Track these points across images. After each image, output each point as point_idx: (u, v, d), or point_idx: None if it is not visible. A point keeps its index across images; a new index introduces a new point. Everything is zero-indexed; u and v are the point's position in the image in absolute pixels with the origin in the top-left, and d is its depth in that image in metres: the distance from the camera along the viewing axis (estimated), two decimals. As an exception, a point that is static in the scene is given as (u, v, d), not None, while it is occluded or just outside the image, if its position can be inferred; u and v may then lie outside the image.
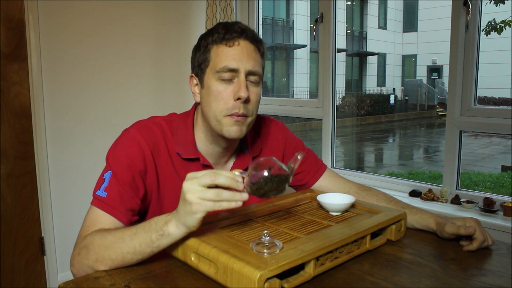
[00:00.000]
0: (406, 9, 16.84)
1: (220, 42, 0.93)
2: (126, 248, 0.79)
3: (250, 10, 2.68)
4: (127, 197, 0.91)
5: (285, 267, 0.68)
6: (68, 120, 2.21)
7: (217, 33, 0.94)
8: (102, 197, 0.89)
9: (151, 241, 0.77)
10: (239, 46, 0.93)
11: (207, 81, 0.95)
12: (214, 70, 0.93)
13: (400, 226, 0.94)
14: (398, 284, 0.73)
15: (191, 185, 0.73)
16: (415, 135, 11.11)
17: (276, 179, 0.76)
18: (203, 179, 0.73)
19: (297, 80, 13.80)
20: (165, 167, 0.97)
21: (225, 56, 0.92)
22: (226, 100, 0.92)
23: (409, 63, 16.82)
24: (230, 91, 0.92)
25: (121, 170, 0.91)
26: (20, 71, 2.01)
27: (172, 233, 0.76)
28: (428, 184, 1.98)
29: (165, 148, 0.97)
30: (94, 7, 2.25)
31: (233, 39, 0.92)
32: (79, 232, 0.89)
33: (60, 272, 2.23)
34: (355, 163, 7.45)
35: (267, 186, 0.75)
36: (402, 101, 14.41)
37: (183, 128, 1.01)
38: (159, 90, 2.56)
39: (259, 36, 0.98)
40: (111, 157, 0.94)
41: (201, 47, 0.96)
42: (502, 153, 7.49)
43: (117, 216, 0.89)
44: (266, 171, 0.75)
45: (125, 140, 0.95)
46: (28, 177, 2.08)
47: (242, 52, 0.93)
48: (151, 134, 0.96)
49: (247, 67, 0.92)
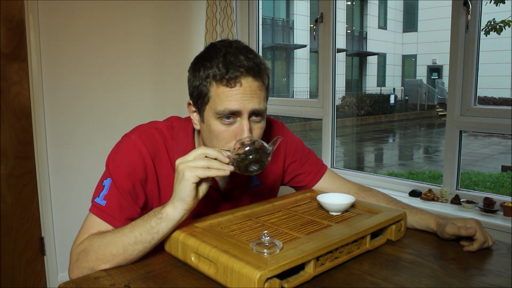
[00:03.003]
0: (406, 9, 16.83)
1: (220, 81, 0.85)
2: (127, 240, 0.80)
3: (250, 10, 2.68)
4: (126, 205, 0.90)
5: (285, 267, 0.68)
6: (68, 120, 2.21)
7: (218, 69, 0.85)
8: (101, 205, 0.88)
9: (151, 227, 0.80)
10: (242, 87, 0.85)
11: (207, 118, 0.89)
12: (215, 111, 0.86)
13: (400, 226, 0.94)
14: (398, 284, 0.73)
15: (183, 158, 0.81)
16: (415, 135, 11.11)
17: (259, 151, 0.83)
18: (194, 152, 0.80)
19: (297, 80, 13.80)
20: (166, 174, 0.95)
21: (226, 98, 0.85)
22: (228, 140, 0.87)
23: (409, 63, 16.81)
24: (232, 131, 0.87)
25: (121, 178, 0.89)
26: (20, 71, 2.01)
27: (170, 214, 0.79)
28: (428, 184, 1.98)
29: (166, 156, 0.96)
30: (94, 7, 2.25)
31: (235, 79, 0.84)
32: (76, 238, 0.89)
33: (60, 272, 2.23)
34: (355, 163, 7.45)
35: (251, 156, 0.82)
36: (402, 101, 14.40)
37: (183, 137, 0.98)
38: (159, 90, 2.56)
39: (263, 65, 0.89)
40: (111, 164, 0.92)
41: (200, 77, 0.88)
42: (502, 153, 7.49)
43: (115, 225, 0.88)
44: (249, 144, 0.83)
45: (126, 147, 0.93)
46: (28, 177, 2.08)
47: (245, 92, 0.85)
48: (152, 141, 0.94)
49: (250, 107, 0.85)
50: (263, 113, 0.90)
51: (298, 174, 1.16)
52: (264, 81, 0.89)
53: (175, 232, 0.81)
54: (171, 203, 0.80)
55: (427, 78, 15.38)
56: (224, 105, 0.85)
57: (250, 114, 0.87)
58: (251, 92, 0.86)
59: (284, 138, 1.12)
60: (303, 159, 1.16)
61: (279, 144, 1.12)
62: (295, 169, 1.16)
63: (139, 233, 0.80)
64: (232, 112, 0.85)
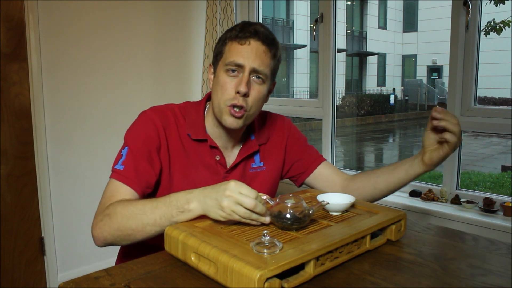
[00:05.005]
0: (406, 9, 16.84)
1: (234, 39, 1.01)
2: (147, 220, 0.86)
3: (250, 10, 2.68)
4: (142, 170, 0.99)
5: (285, 267, 0.68)
6: (68, 120, 2.22)
7: (235, 31, 1.02)
8: (120, 170, 0.98)
9: (171, 216, 0.85)
10: (250, 46, 1.00)
11: (218, 71, 1.04)
12: (224, 63, 1.01)
13: (400, 226, 0.94)
14: (398, 284, 0.73)
15: (232, 193, 0.80)
16: (415, 135, 11.10)
17: (299, 220, 0.81)
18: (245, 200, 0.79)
19: (297, 80, 13.81)
20: (175, 146, 1.05)
21: (235, 52, 1.00)
22: (229, 91, 1.00)
23: (409, 63, 16.82)
24: (234, 83, 1.00)
25: (138, 145, 1.01)
26: (20, 71, 2.01)
27: (192, 210, 0.84)
28: (428, 184, 1.98)
29: (176, 130, 1.06)
30: (94, 7, 2.25)
31: (246, 38, 1.00)
32: (100, 202, 0.97)
33: (60, 272, 2.24)
34: (355, 163, 7.45)
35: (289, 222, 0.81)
36: (402, 101, 14.40)
37: (194, 113, 1.10)
38: (159, 90, 2.56)
39: (275, 39, 1.04)
40: (128, 135, 1.04)
41: (221, 40, 1.05)
42: (502, 153, 7.49)
43: (133, 186, 0.97)
44: (292, 211, 0.81)
45: (141, 120, 1.05)
46: (28, 177, 2.08)
47: (251, 51, 0.99)
48: (164, 116, 1.06)
49: (252, 65, 0.99)
50: (265, 78, 1.02)
51: (297, 160, 1.22)
52: (271, 49, 1.02)
53: (175, 232, 0.81)
54: (197, 204, 0.84)
55: (427, 78, 15.38)
56: (232, 58, 1.00)
57: (252, 72, 1.00)
58: (257, 53, 1.00)
59: (287, 131, 1.22)
60: (304, 147, 1.23)
61: (283, 137, 1.21)
62: (295, 155, 1.22)
63: (159, 217, 0.85)
64: (236, 64, 0.99)
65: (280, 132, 1.21)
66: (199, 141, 1.07)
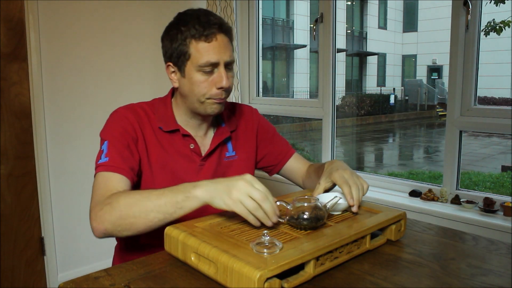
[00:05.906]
0: (406, 9, 16.82)
1: (199, 38, 1.00)
2: (151, 206, 0.85)
3: (250, 10, 2.68)
4: (126, 157, 1.00)
5: (285, 267, 0.68)
6: (68, 120, 2.22)
7: (195, 29, 1.00)
8: (105, 162, 0.98)
9: (176, 202, 0.84)
10: (217, 41, 1.01)
11: (188, 72, 1.03)
12: (196, 65, 1.01)
13: (400, 226, 0.94)
14: (398, 284, 0.73)
15: (246, 183, 0.82)
16: (415, 135, 11.11)
17: (315, 220, 0.83)
18: (255, 192, 0.81)
19: (297, 80, 13.79)
20: (150, 139, 1.08)
21: (206, 52, 1.01)
22: (209, 88, 1.03)
23: (409, 63, 16.80)
24: (211, 80, 1.03)
25: (116, 137, 1.02)
26: (20, 71, 2.01)
27: (198, 196, 0.83)
28: (428, 184, 1.98)
29: (148, 125, 1.09)
30: (94, 7, 2.25)
31: (211, 35, 1.01)
32: (92, 198, 0.95)
33: (60, 272, 2.23)
34: (355, 163, 7.44)
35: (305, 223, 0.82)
36: (402, 101, 14.39)
37: (163, 107, 1.13)
38: (159, 90, 2.55)
39: (228, 24, 1.08)
40: (104, 132, 1.05)
41: (178, 39, 1.03)
42: (502, 153, 7.48)
43: (123, 173, 0.97)
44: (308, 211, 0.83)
45: (115, 117, 1.08)
46: (28, 177, 2.08)
47: (220, 46, 1.02)
48: (135, 112, 1.09)
49: (225, 59, 1.03)
50: (233, 65, 1.08)
51: (269, 151, 1.27)
52: (231, 37, 1.07)
53: (175, 232, 0.81)
54: (205, 190, 0.83)
55: (427, 78, 15.37)
56: (205, 58, 1.00)
57: (225, 65, 1.03)
58: (225, 46, 1.03)
59: (257, 121, 1.26)
60: (274, 138, 1.28)
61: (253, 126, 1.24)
62: (266, 146, 1.26)
63: (164, 203, 0.85)
64: (212, 64, 1.01)
65: (250, 122, 1.24)
66: (171, 132, 1.10)
